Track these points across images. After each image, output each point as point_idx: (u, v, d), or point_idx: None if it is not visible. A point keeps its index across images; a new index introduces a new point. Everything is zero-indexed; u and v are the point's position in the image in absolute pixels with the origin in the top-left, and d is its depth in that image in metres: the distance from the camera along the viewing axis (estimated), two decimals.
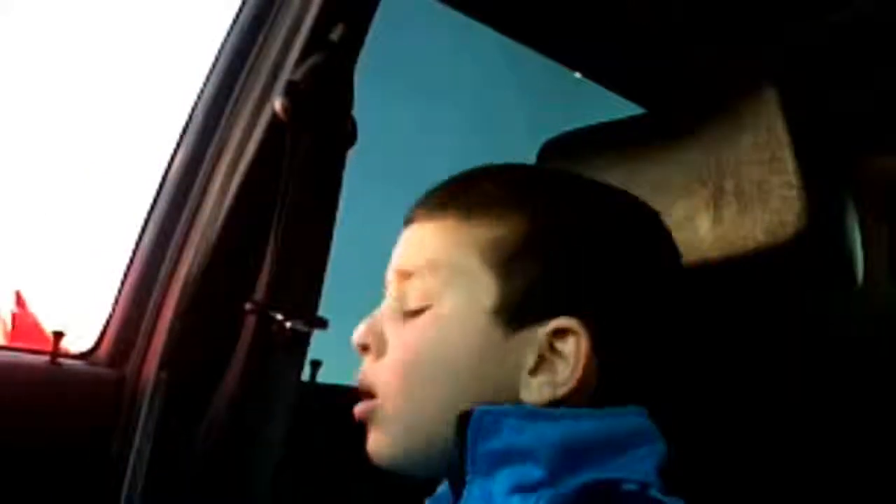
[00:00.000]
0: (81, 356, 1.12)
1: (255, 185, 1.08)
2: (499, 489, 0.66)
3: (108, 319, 1.13)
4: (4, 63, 1.38)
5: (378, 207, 0.77)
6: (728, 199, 0.92)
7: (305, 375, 1.08)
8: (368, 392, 0.73)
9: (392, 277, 0.75)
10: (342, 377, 0.99)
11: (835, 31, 1.28)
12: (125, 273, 1.14)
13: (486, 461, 0.67)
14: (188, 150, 1.15)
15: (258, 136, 1.09)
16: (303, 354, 1.01)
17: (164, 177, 1.16)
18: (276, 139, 1.06)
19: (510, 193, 0.73)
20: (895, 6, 1.20)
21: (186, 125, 1.17)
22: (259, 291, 1.01)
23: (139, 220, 1.16)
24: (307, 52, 1.09)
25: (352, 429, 0.75)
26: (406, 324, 0.72)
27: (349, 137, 1.08)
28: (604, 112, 1.16)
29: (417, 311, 0.72)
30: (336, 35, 1.08)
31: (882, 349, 0.78)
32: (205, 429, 1.00)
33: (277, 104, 1.04)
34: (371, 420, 0.73)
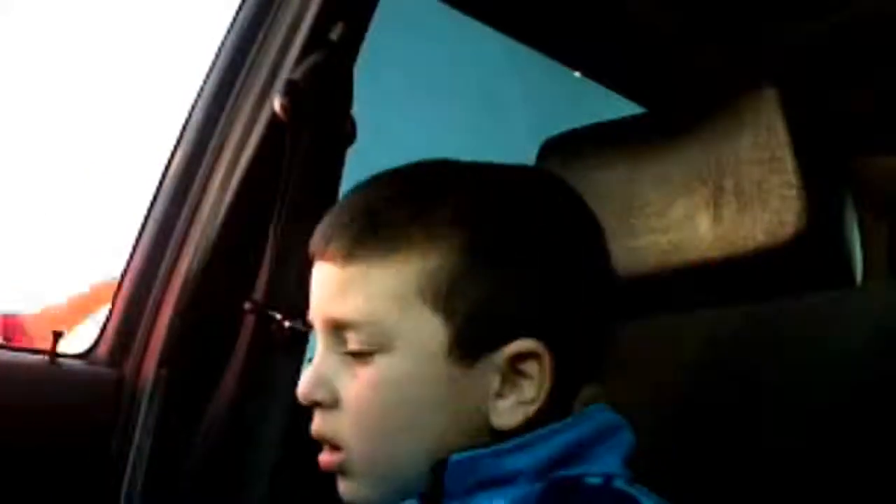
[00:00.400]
0: (81, 355, 1.12)
1: (255, 184, 1.08)
2: None
3: (108, 318, 1.13)
4: (5, 62, 1.38)
5: None
6: (728, 199, 0.92)
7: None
8: (329, 444, 0.69)
9: (322, 324, 0.70)
10: None
11: (835, 31, 1.28)
12: (124, 272, 1.14)
13: (464, 491, 0.66)
14: (187, 149, 1.15)
15: (257, 135, 1.09)
16: (302, 354, 1.01)
17: (164, 175, 1.16)
18: (276, 138, 1.06)
19: (428, 223, 0.67)
20: (895, 6, 1.20)
21: (186, 124, 1.17)
22: (258, 291, 1.01)
23: (138, 219, 1.16)
24: (307, 51, 1.09)
25: None
26: (356, 369, 0.68)
27: (348, 136, 1.08)
28: (604, 111, 1.16)
29: (365, 354, 0.67)
30: (335, 34, 1.08)
31: (882, 349, 0.78)
32: (204, 428, 1.00)
33: (277, 103, 1.04)
34: (339, 470, 0.69)
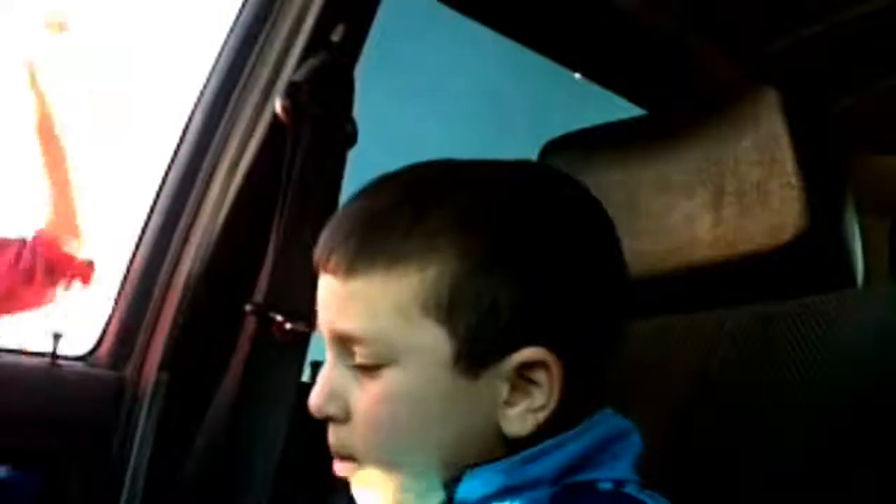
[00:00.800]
0: (81, 358, 1.12)
1: (256, 186, 1.08)
2: None
3: (108, 321, 1.13)
4: (6, 61, 1.38)
5: None
6: (728, 200, 0.92)
7: (306, 376, 1.08)
8: (344, 456, 0.69)
9: (330, 336, 0.69)
10: None
11: (835, 32, 1.28)
12: (125, 274, 1.14)
13: (479, 500, 0.66)
14: (189, 151, 1.15)
15: (259, 137, 1.09)
16: (303, 355, 1.01)
17: (165, 177, 1.17)
18: (277, 139, 1.06)
19: (426, 232, 0.65)
20: (895, 7, 1.20)
21: (187, 125, 1.17)
22: (259, 292, 1.01)
23: (139, 221, 1.16)
24: (308, 53, 1.09)
25: None
26: (364, 382, 0.67)
27: (349, 138, 1.08)
28: (605, 113, 1.16)
29: (373, 367, 0.67)
30: (337, 36, 1.09)
31: (882, 350, 0.78)
32: (205, 430, 1.00)
33: (278, 104, 1.04)
34: (354, 479, 0.69)
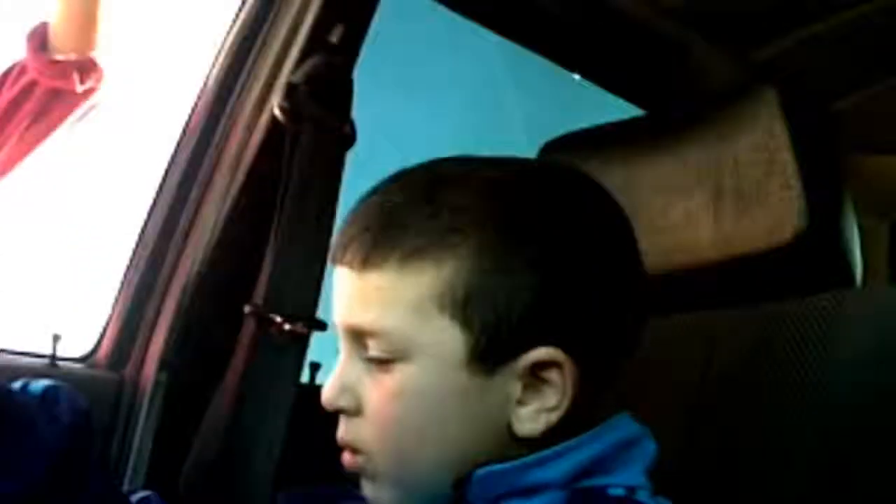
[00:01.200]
0: (81, 359, 1.12)
1: (255, 187, 1.08)
2: None
3: (108, 322, 1.13)
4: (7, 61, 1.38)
5: None
6: (727, 200, 0.92)
7: (305, 377, 1.08)
8: (355, 449, 0.69)
9: (344, 331, 0.69)
10: None
11: (835, 32, 1.28)
12: (124, 275, 1.14)
13: (489, 501, 0.66)
14: (188, 152, 1.15)
15: (258, 138, 1.09)
16: (302, 356, 1.01)
17: (164, 178, 1.17)
18: (276, 140, 1.06)
19: (443, 228, 0.65)
20: (895, 7, 1.20)
21: (186, 126, 1.17)
22: (258, 293, 1.01)
23: (139, 222, 1.16)
24: (306, 54, 1.09)
25: None
26: (377, 376, 0.67)
27: (348, 138, 1.08)
28: (603, 113, 1.16)
29: (387, 361, 0.66)
30: (335, 36, 1.09)
31: (881, 350, 0.78)
32: (204, 431, 1.00)
33: (277, 105, 1.04)
34: (362, 473, 0.69)
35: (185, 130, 1.17)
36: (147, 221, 1.15)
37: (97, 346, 1.13)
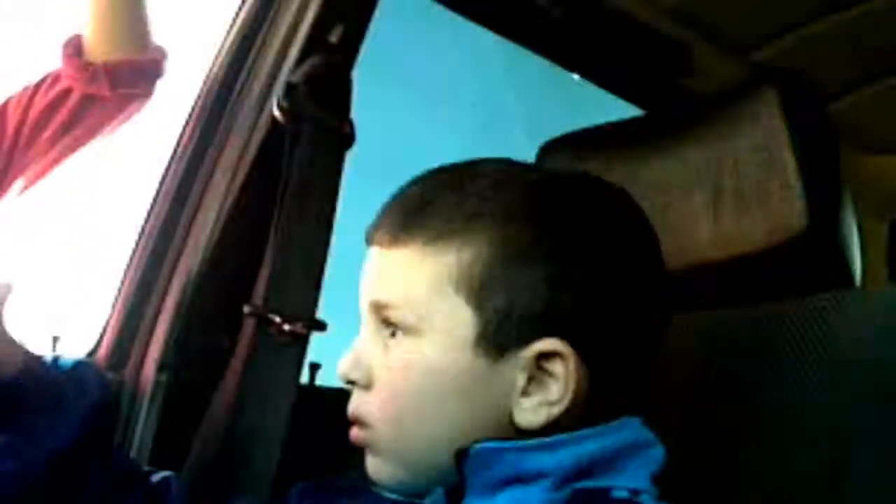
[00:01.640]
0: None
1: (255, 187, 1.08)
2: None
3: (108, 322, 1.13)
4: (7, 62, 1.38)
5: (377, 209, 0.75)
6: (727, 200, 0.92)
7: (304, 378, 1.08)
8: (360, 422, 0.72)
9: (367, 307, 0.72)
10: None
11: (835, 32, 1.28)
12: (124, 275, 1.14)
13: (488, 486, 0.67)
14: (188, 152, 1.15)
15: (257, 138, 1.09)
16: (301, 356, 1.01)
17: (164, 178, 1.16)
18: (275, 140, 1.06)
19: (468, 215, 0.69)
20: (895, 6, 1.20)
21: (186, 126, 1.17)
22: (258, 294, 1.01)
23: (138, 222, 1.16)
24: (306, 54, 1.09)
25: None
26: (390, 354, 0.70)
27: (347, 139, 1.08)
28: (603, 113, 1.16)
29: (400, 341, 0.70)
30: (335, 36, 1.09)
31: (880, 350, 0.78)
32: (203, 430, 1.00)
33: (276, 106, 1.04)
34: (367, 447, 0.72)
35: (185, 130, 1.17)
36: (147, 221, 1.15)
37: (97, 347, 1.13)
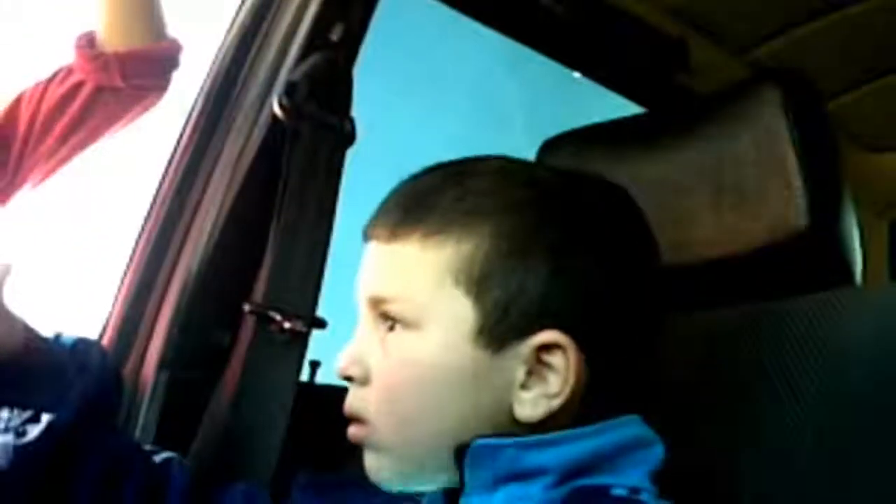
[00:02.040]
0: None
1: (255, 185, 1.08)
2: (498, 502, 0.67)
3: (108, 320, 1.13)
4: (7, 62, 1.38)
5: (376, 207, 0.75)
6: (728, 198, 0.91)
7: (304, 376, 1.08)
8: (358, 418, 0.71)
9: (365, 301, 0.72)
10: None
11: (835, 30, 1.28)
12: (124, 273, 1.14)
13: (487, 482, 0.67)
14: (188, 150, 1.15)
15: (258, 136, 1.09)
16: (301, 355, 1.01)
17: (164, 177, 1.16)
18: (276, 138, 1.06)
19: (468, 209, 0.69)
20: (895, 5, 1.20)
21: (186, 124, 1.17)
22: (258, 292, 1.01)
23: (138, 221, 1.16)
24: (306, 52, 1.09)
25: None
26: (388, 349, 0.70)
27: (348, 137, 1.08)
28: (603, 111, 1.16)
29: (399, 336, 0.69)
30: (335, 34, 1.09)
31: (881, 349, 0.78)
32: (203, 429, 1.00)
33: (276, 104, 1.04)
34: (365, 444, 0.71)
35: (185, 128, 1.17)
36: (147, 219, 1.15)
37: None
